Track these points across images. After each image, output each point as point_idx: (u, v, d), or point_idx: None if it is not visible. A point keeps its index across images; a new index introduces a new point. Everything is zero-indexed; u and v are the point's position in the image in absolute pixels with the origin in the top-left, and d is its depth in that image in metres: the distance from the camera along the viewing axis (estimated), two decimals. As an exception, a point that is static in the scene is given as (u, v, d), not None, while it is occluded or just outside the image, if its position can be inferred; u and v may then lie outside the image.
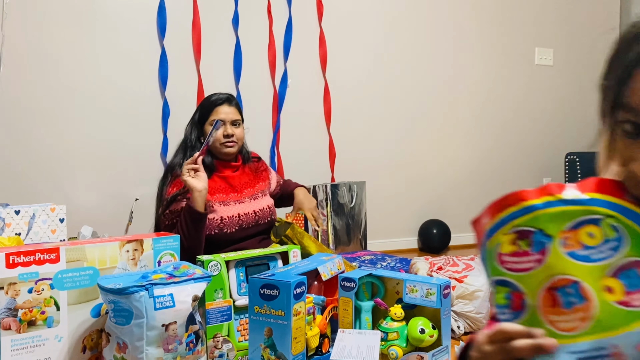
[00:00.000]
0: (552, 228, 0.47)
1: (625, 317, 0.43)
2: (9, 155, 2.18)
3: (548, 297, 0.46)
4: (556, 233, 0.47)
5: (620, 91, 0.51)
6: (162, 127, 2.43)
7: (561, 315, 0.45)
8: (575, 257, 0.46)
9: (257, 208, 1.81)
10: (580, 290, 0.45)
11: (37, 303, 0.88)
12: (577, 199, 0.48)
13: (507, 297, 0.48)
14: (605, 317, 0.44)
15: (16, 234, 1.44)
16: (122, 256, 0.99)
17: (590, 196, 0.48)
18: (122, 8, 2.36)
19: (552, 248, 0.47)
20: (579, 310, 0.44)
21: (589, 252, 0.46)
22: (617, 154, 0.51)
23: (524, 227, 0.48)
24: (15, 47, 2.17)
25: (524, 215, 0.49)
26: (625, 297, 0.44)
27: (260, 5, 2.59)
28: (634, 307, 0.43)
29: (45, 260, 0.90)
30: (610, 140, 0.52)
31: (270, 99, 2.65)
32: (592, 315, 0.44)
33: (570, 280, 0.45)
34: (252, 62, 2.58)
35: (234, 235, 1.74)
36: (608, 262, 0.45)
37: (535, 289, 0.46)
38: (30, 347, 0.87)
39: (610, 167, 0.52)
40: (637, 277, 0.44)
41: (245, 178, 1.88)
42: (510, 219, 0.49)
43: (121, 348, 0.86)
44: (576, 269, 0.45)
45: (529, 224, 0.48)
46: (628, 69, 0.50)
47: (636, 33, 0.50)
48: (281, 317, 0.87)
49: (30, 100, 2.21)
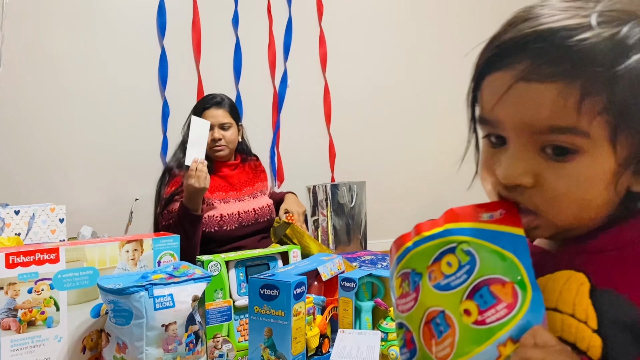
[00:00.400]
0: (420, 265, 0.50)
1: (481, 337, 0.44)
2: (9, 155, 2.18)
3: (426, 330, 0.47)
4: (424, 269, 0.49)
5: (474, 104, 0.52)
6: (161, 127, 2.43)
7: (438, 345, 0.46)
8: (439, 288, 0.47)
9: (256, 206, 1.82)
10: (446, 319, 0.46)
11: (37, 303, 0.88)
12: (436, 233, 0.50)
13: (402, 337, 0.50)
14: (463, 339, 0.44)
15: (16, 234, 1.44)
16: (122, 256, 0.99)
17: (445, 227, 0.49)
18: (122, 7, 2.36)
19: (422, 284, 0.49)
20: (446, 337, 0.45)
21: (449, 280, 0.47)
22: (486, 162, 0.52)
23: (404, 269, 0.51)
24: (14, 47, 2.16)
25: (403, 258, 0.52)
26: (479, 316, 0.44)
27: (260, 5, 2.59)
28: (489, 324, 0.44)
29: (45, 260, 0.90)
30: (482, 150, 0.53)
31: (270, 98, 2.64)
32: (455, 341, 0.45)
33: (437, 311, 0.47)
34: (252, 62, 2.58)
35: (233, 232, 1.74)
36: (464, 285, 0.46)
37: (417, 326, 0.48)
38: (30, 348, 0.87)
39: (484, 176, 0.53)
40: (488, 295, 0.45)
41: (245, 176, 1.88)
42: (397, 264, 0.52)
43: (121, 348, 0.85)
44: (440, 299, 0.47)
45: (406, 266, 0.51)
46: (478, 79, 0.51)
47: (486, 41, 0.50)
48: (281, 318, 0.87)
49: (29, 100, 2.21)
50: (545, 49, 0.44)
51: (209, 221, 1.71)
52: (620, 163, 0.45)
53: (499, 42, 0.48)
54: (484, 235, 0.47)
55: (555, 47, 0.43)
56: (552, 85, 0.44)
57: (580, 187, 0.45)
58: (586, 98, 0.43)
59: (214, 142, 1.76)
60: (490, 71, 0.49)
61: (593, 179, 0.45)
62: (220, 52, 2.52)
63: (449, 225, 0.49)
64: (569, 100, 0.43)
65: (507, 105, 0.47)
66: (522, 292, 0.44)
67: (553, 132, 0.44)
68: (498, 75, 0.47)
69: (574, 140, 0.44)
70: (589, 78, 0.42)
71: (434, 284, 0.48)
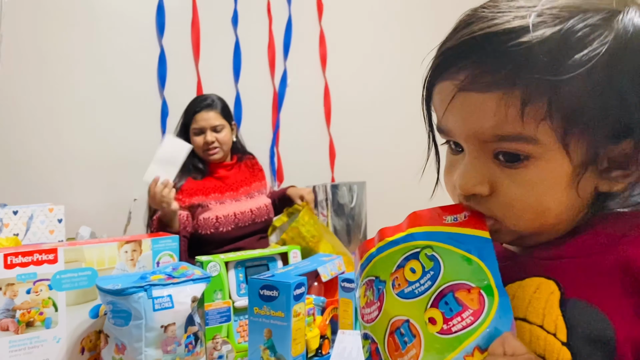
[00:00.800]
0: (384, 272, 0.47)
1: (447, 347, 0.42)
2: (7, 155, 2.17)
3: (391, 341, 0.45)
4: (388, 276, 0.47)
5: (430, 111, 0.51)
6: (160, 126, 2.42)
7: (403, 357, 0.43)
8: (403, 296, 0.45)
9: (253, 206, 1.81)
10: (410, 328, 0.44)
11: (36, 304, 0.88)
12: (399, 238, 0.47)
13: (368, 349, 0.48)
14: (429, 350, 0.42)
15: (14, 235, 1.44)
16: (121, 257, 0.99)
17: (408, 232, 0.47)
18: (121, 6, 2.35)
19: (386, 292, 0.46)
20: (411, 348, 0.43)
21: (413, 287, 0.45)
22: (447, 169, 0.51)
23: (368, 277, 0.49)
24: (13, 46, 2.16)
25: (367, 265, 0.49)
26: (445, 325, 0.42)
27: (260, 4, 2.59)
28: (455, 333, 0.42)
29: (44, 260, 0.89)
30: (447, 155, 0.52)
31: (270, 98, 2.64)
32: (420, 352, 0.42)
33: (402, 320, 0.44)
34: (252, 62, 2.57)
35: (230, 233, 1.73)
36: (429, 293, 0.44)
37: (382, 337, 0.46)
38: (29, 348, 0.87)
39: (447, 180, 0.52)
40: (453, 301, 0.42)
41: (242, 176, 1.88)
42: (361, 271, 0.50)
43: (120, 349, 0.85)
44: (405, 307, 0.44)
45: (370, 274, 0.48)
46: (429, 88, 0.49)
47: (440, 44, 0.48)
48: (281, 319, 0.86)
49: (28, 100, 2.21)
50: (483, 56, 0.42)
51: (205, 223, 1.70)
52: (577, 165, 0.43)
53: (443, 49, 0.47)
54: (448, 239, 0.45)
55: (494, 54, 0.41)
56: (492, 94, 0.42)
57: (535, 193, 0.43)
58: (527, 106, 0.40)
59: (207, 145, 1.76)
60: (438, 80, 0.47)
61: (548, 184, 0.43)
62: (219, 52, 2.52)
63: (412, 229, 0.47)
64: (510, 109, 0.41)
65: (453, 115, 0.46)
66: (489, 298, 0.42)
67: (500, 140, 0.43)
68: (444, 85, 0.46)
69: (523, 147, 0.42)
70: (529, 85, 0.40)
71: (398, 292, 0.45)
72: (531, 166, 0.43)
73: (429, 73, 0.49)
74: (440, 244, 0.45)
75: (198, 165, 1.78)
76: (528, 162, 0.43)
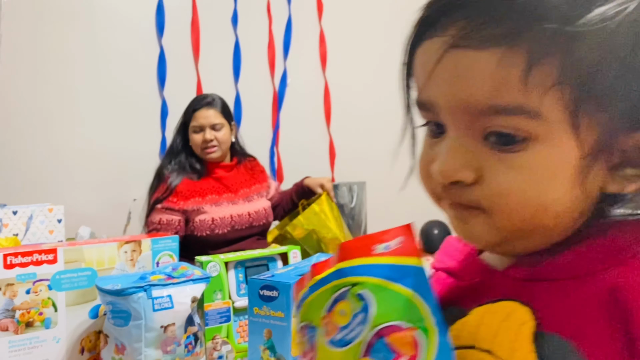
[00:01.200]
0: (316, 317, 0.40)
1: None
2: (6, 155, 2.17)
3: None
4: (319, 321, 0.40)
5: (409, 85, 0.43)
6: (160, 126, 2.42)
7: None
8: (334, 344, 0.38)
9: (251, 210, 1.80)
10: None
11: (35, 304, 0.88)
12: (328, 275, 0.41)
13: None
14: None
15: (14, 235, 1.44)
16: (120, 257, 0.99)
17: (337, 268, 0.40)
18: (121, 6, 2.35)
19: (317, 340, 0.40)
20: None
21: (344, 333, 0.38)
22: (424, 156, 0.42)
23: (302, 322, 0.43)
24: (12, 46, 2.16)
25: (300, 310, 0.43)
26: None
27: (260, 4, 2.59)
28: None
29: (43, 261, 0.89)
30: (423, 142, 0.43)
31: (270, 98, 2.64)
32: None
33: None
34: (252, 62, 2.57)
35: (226, 236, 1.73)
36: (360, 339, 0.37)
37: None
38: (28, 349, 0.87)
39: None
40: (385, 349, 0.36)
41: (241, 178, 1.87)
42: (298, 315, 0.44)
43: (119, 349, 0.85)
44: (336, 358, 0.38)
45: (303, 319, 0.42)
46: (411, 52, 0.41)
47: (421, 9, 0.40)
48: (281, 319, 0.86)
49: (27, 100, 2.21)
50: (483, 5, 0.34)
51: (201, 225, 1.70)
52: (588, 152, 0.34)
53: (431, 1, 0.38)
54: (378, 272, 0.38)
55: (496, 2, 0.33)
56: (491, 52, 0.33)
57: (534, 185, 0.35)
58: (534, 66, 0.33)
59: (205, 143, 1.74)
60: (422, 39, 0.38)
61: (551, 174, 0.35)
62: (219, 52, 2.52)
63: (340, 264, 0.40)
64: (512, 70, 0.33)
65: (438, 81, 0.37)
66: (425, 340, 0.36)
67: (495, 113, 0.34)
68: (429, 44, 0.37)
69: (522, 123, 0.34)
70: (538, 39, 0.32)
71: (329, 340, 0.39)
72: (530, 150, 0.35)
73: (412, 32, 0.40)
74: (370, 278, 0.38)
75: (195, 166, 1.77)
76: (526, 144, 0.35)
